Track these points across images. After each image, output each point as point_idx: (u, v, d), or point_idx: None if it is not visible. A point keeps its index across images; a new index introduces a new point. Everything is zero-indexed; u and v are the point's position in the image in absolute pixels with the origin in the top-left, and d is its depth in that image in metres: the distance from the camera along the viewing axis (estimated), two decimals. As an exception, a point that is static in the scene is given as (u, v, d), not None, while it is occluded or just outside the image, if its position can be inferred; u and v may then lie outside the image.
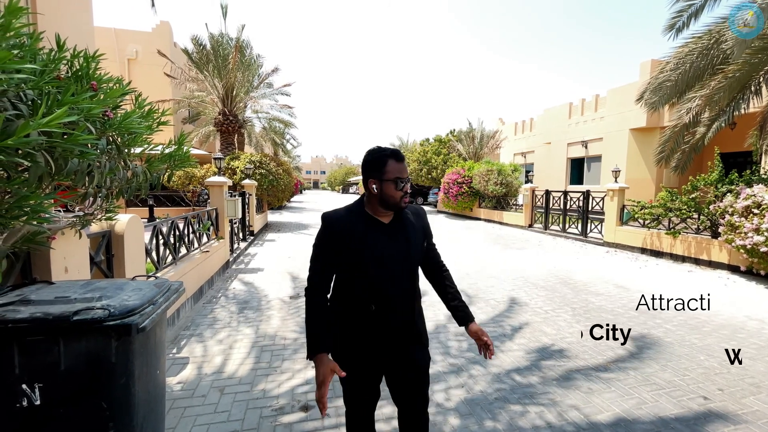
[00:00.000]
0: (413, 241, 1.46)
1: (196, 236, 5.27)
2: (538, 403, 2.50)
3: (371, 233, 1.40)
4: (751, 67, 6.67)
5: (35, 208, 1.28)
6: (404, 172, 1.39)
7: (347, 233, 1.38)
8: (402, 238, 1.44)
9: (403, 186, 1.38)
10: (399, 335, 1.46)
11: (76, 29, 4.32)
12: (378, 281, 1.39)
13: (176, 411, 2.38)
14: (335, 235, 1.40)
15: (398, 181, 1.37)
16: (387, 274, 1.40)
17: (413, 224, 1.50)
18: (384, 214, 1.45)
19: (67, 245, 2.13)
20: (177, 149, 2.05)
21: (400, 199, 1.39)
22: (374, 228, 1.42)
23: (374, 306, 1.40)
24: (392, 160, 1.38)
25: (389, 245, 1.41)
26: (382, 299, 1.40)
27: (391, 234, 1.44)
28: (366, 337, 1.43)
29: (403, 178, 1.38)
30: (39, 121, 0.99)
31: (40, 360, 1.30)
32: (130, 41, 17.35)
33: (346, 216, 1.43)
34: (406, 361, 1.48)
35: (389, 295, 1.41)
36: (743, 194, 6.13)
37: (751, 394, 2.63)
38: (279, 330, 3.76)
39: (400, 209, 1.43)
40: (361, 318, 1.42)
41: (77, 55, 1.53)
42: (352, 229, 1.39)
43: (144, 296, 1.51)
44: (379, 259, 1.38)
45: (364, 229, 1.40)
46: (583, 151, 17.01)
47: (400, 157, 1.40)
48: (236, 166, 11.97)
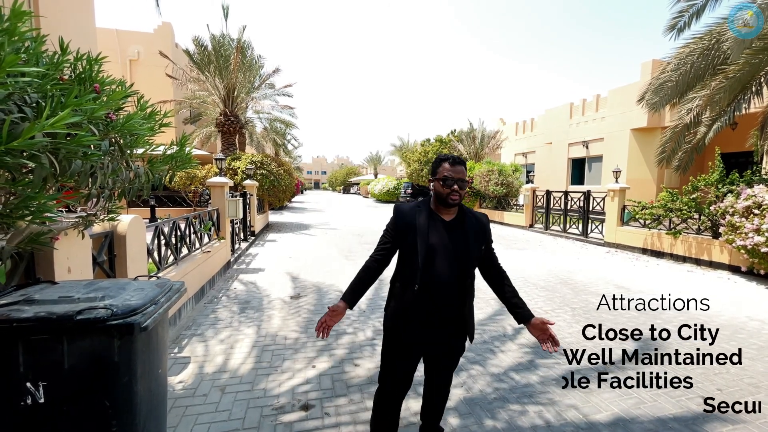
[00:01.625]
0: (469, 240, 1.64)
1: (198, 236, 5.30)
2: (537, 403, 2.51)
3: (429, 225, 1.63)
4: (752, 67, 6.67)
5: (40, 209, 1.30)
6: (456, 173, 1.60)
7: (410, 222, 1.65)
8: (459, 235, 1.64)
9: (451, 184, 1.58)
10: (440, 319, 1.63)
11: (78, 31, 4.35)
12: (426, 266, 1.59)
13: (178, 410, 2.39)
14: (400, 222, 1.68)
15: (446, 179, 1.59)
16: (436, 262, 1.59)
17: (474, 226, 1.67)
18: (445, 212, 1.67)
19: (70, 246, 2.15)
20: (179, 150, 2.07)
21: (447, 196, 1.60)
22: (433, 221, 1.65)
23: (417, 286, 1.59)
24: (445, 163, 1.63)
25: (444, 238, 1.62)
26: (427, 283, 1.59)
27: (449, 229, 1.64)
28: (411, 313, 1.63)
29: (451, 177, 1.58)
30: (43, 123, 1.01)
31: (44, 359, 1.31)
32: (132, 42, 17.40)
33: (413, 208, 1.70)
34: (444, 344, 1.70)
35: (435, 282, 1.59)
36: (744, 194, 6.13)
37: (750, 395, 2.64)
38: (280, 330, 3.78)
39: (449, 204, 1.62)
40: (408, 295, 1.63)
41: (80, 58, 1.55)
42: (415, 219, 1.65)
43: (146, 296, 1.53)
44: (431, 247, 1.60)
45: (424, 220, 1.64)
46: (584, 151, 17.00)
47: (453, 161, 1.63)
48: (237, 166, 12.00)
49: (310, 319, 4.08)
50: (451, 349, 1.73)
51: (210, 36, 13.30)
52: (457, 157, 1.63)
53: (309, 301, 4.74)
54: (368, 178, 44.32)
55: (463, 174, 1.60)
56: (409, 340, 1.67)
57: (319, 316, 4.17)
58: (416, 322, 1.64)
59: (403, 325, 1.66)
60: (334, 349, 3.34)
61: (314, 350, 3.31)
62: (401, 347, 1.69)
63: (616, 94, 15.19)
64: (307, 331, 3.76)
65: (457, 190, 1.59)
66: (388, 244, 1.71)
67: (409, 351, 1.70)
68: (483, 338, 3.60)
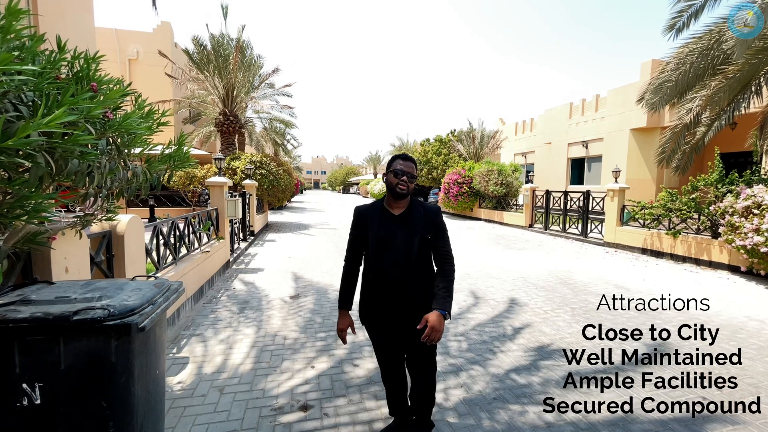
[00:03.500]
0: (414, 231, 1.82)
1: (197, 236, 5.29)
2: (536, 403, 2.51)
3: (379, 220, 1.85)
4: (752, 67, 6.67)
5: (36, 208, 1.29)
6: (405, 167, 1.81)
7: (364, 219, 1.88)
8: (406, 226, 1.83)
9: (400, 176, 1.79)
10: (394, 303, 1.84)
11: (77, 30, 4.34)
12: (376, 256, 1.83)
13: (176, 410, 2.38)
14: (357, 221, 1.92)
15: (396, 172, 1.81)
16: (385, 252, 1.81)
17: (420, 217, 1.86)
18: (395, 206, 1.87)
19: (67, 245, 2.14)
20: (177, 150, 2.06)
21: (396, 185, 1.81)
22: (384, 216, 1.87)
23: (371, 275, 1.88)
24: (398, 159, 1.86)
25: (392, 230, 1.82)
26: (378, 270, 1.84)
27: (397, 222, 1.84)
28: (373, 299, 1.89)
29: (401, 170, 1.80)
30: (39, 121, 1.00)
31: (40, 359, 1.31)
32: (131, 42, 17.38)
33: (368, 208, 1.92)
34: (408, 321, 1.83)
35: (385, 268, 1.82)
36: (743, 194, 6.13)
37: (750, 395, 2.63)
38: (279, 330, 3.76)
39: (395, 194, 1.81)
40: (367, 284, 1.92)
41: (78, 57, 1.54)
42: (368, 216, 1.88)
43: (144, 296, 1.52)
44: (381, 239, 1.82)
45: (376, 216, 1.87)
46: (583, 151, 17.00)
47: (404, 158, 1.85)
48: (237, 166, 11.99)
49: (309, 319, 4.07)
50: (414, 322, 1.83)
51: (209, 35, 13.29)
52: (408, 155, 1.86)
53: (308, 301, 4.73)
54: (368, 178, 44.31)
55: (412, 169, 1.81)
56: (373, 322, 1.93)
57: (318, 316, 4.17)
58: (374, 306, 1.88)
59: (365, 310, 1.93)
60: (333, 349, 3.33)
61: (313, 350, 3.30)
62: (373, 329, 1.95)
63: (616, 94, 15.20)
64: (307, 331, 3.75)
65: (405, 181, 1.79)
66: (353, 243, 1.94)
67: (380, 332, 1.94)
68: (483, 338, 3.59)
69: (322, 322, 3.99)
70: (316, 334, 3.68)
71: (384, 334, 1.94)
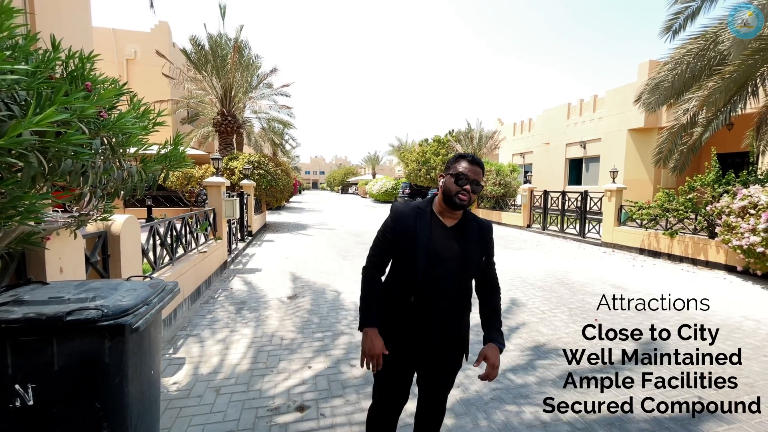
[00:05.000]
0: (470, 250, 1.49)
1: (194, 237, 5.27)
2: (533, 403, 2.51)
3: (429, 230, 1.48)
4: (748, 68, 6.69)
5: (29, 209, 1.28)
6: (473, 173, 1.45)
7: (409, 225, 1.48)
8: (460, 243, 1.48)
9: (464, 183, 1.43)
10: (436, 335, 1.48)
11: (74, 30, 4.32)
12: (424, 276, 1.44)
13: (172, 411, 2.37)
14: (398, 225, 1.51)
15: (459, 176, 1.44)
16: (434, 271, 1.44)
17: (476, 235, 1.52)
18: (448, 216, 1.51)
19: (62, 246, 2.13)
20: (173, 150, 2.05)
21: (456, 194, 1.44)
22: (434, 226, 1.49)
23: (414, 298, 1.46)
24: (464, 161, 1.48)
25: (445, 246, 1.47)
26: (423, 294, 1.45)
27: (450, 236, 1.49)
28: (404, 328, 1.49)
29: (465, 176, 1.43)
30: (30, 120, 0.99)
31: (33, 360, 1.30)
32: (129, 41, 17.32)
33: (413, 210, 1.53)
34: (439, 362, 1.52)
35: (432, 293, 1.45)
36: (740, 195, 6.15)
37: (746, 394, 2.64)
38: (277, 330, 3.76)
39: (456, 205, 1.45)
40: (402, 307, 1.49)
41: (72, 56, 1.53)
42: (414, 223, 1.48)
43: (138, 296, 1.51)
44: (430, 255, 1.44)
45: (424, 224, 1.48)
46: (581, 151, 17.04)
47: (473, 160, 1.48)
48: (235, 166, 11.96)
49: (307, 320, 4.07)
50: (447, 371, 1.57)
51: (207, 35, 13.27)
52: (477, 158, 1.49)
53: (306, 302, 4.72)
54: (366, 179, 44.29)
55: (479, 176, 1.45)
56: (401, 358, 1.51)
57: (316, 317, 4.16)
58: (410, 338, 1.48)
59: (396, 341, 1.50)
60: (330, 349, 3.32)
61: (311, 351, 3.29)
62: (393, 365, 1.51)
63: (614, 95, 15.24)
64: (304, 331, 3.74)
65: (468, 190, 1.43)
66: (385, 248, 1.55)
67: (403, 369, 1.54)
68: (480, 338, 3.58)
69: (320, 323, 3.98)
70: (314, 334, 3.67)
71: (409, 370, 1.57)
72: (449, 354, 1.54)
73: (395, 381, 1.55)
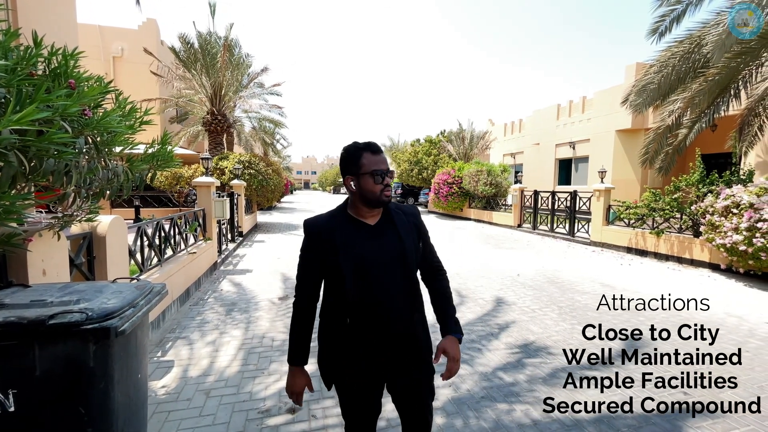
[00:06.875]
0: (405, 240, 1.32)
1: (183, 237, 5.20)
2: (523, 401, 2.53)
3: (351, 236, 1.30)
4: (731, 70, 6.86)
5: (8, 209, 1.24)
6: (382, 164, 1.29)
7: (326, 238, 1.30)
8: (392, 238, 1.33)
9: (382, 179, 1.27)
10: (393, 349, 1.31)
11: (59, 26, 4.21)
12: (358, 290, 1.26)
13: (160, 415, 2.34)
14: (315, 241, 1.33)
15: (376, 174, 1.27)
16: (370, 280, 1.27)
17: (405, 223, 1.37)
18: (369, 215, 1.34)
19: (45, 247, 2.08)
20: (160, 149, 2.02)
21: (381, 193, 1.28)
22: (356, 230, 1.32)
23: (350, 319, 1.28)
24: (367, 152, 1.29)
25: (374, 248, 1.30)
26: (363, 311, 1.27)
27: (378, 235, 1.32)
28: (352, 350, 1.30)
29: (382, 170, 1.27)
30: (8, 119, 0.96)
31: (13, 365, 1.26)
32: (116, 39, 16.99)
33: (327, 221, 1.34)
34: (405, 377, 1.35)
35: (373, 306, 1.27)
36: (723, 194, 6.30)
37: (729, 389, 2.71)
38: (267, 331, 3.72)
39: (382, 204, 1.31)
40: (339, 332, 1.31)
41: (55, 53, 1.49)
42: (332, 233, 1.30)
43: (124, 299, 1.49)
44: (359, 264, 1.27)
45: (344, 232, 1.30)
46: (570, 152, 17.27)
47: (375, 149, 1.30)
48: (225, 166, 11.83)
49: (298, 321, 4.04)
50: (413, 382, 1.37)
51: (196, 33, 13.09)
52: (374, 143, 1.32)
53: (297, 302, 4.69)
54: (358, 178, 44.12)
55: (387, 164, 1.31)
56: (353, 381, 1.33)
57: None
58: (356, 359, 1.30)
59: (337, 366, 1.34)
60: (322, 350, 3.31)
61: (302, 352, 3.27)
62: (351, 390, 1.34)
63: (602, 96, 15.49)
64: (295, 332, 3.71)
65: (390, 185, 1.29)
66: (311, 271, 1.35)
67: (361, 392, 1.35)
68: (471, 337, 3.61)
69: (311, 323, 3.95)
70: (305, 335, 3.64)
71: (367, 393, 1.35)
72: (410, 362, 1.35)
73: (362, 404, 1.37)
